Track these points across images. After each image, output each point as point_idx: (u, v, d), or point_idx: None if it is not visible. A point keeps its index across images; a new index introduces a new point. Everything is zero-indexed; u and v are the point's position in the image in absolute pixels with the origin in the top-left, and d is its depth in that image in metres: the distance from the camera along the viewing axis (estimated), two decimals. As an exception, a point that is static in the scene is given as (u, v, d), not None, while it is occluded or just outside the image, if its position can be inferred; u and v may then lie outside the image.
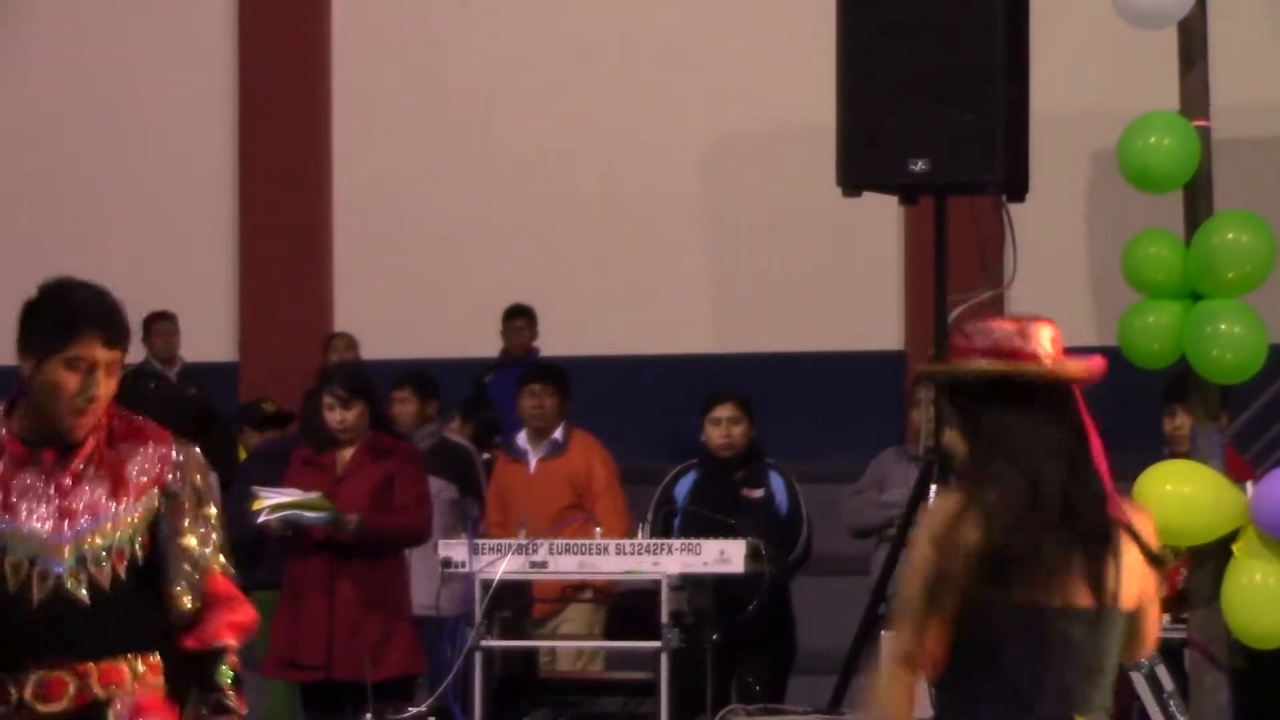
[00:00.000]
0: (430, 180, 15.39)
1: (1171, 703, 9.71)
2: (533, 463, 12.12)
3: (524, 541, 9.96)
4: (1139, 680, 9.66)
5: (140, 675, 5.73)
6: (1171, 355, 9.53)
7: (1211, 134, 9.46)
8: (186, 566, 5.72)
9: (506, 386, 13.51)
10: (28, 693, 5.66)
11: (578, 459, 12.15)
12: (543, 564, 9.91)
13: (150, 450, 5.79)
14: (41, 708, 5.66)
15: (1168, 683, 9.78)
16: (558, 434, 12.16)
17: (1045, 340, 5.57)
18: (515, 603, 10.53)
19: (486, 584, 9.77)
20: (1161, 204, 9.76)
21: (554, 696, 10.10)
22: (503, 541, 10.08)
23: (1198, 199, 9.53)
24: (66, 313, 5.70)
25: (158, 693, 5.84)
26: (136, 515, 5.64)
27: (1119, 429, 10.69)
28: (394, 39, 15.85)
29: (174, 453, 5.72)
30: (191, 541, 5.73)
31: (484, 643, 9.72)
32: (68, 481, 5.64)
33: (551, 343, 14.04)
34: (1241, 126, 10.00)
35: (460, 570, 9.92)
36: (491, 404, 13.84)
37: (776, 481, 11.52)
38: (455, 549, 10.02)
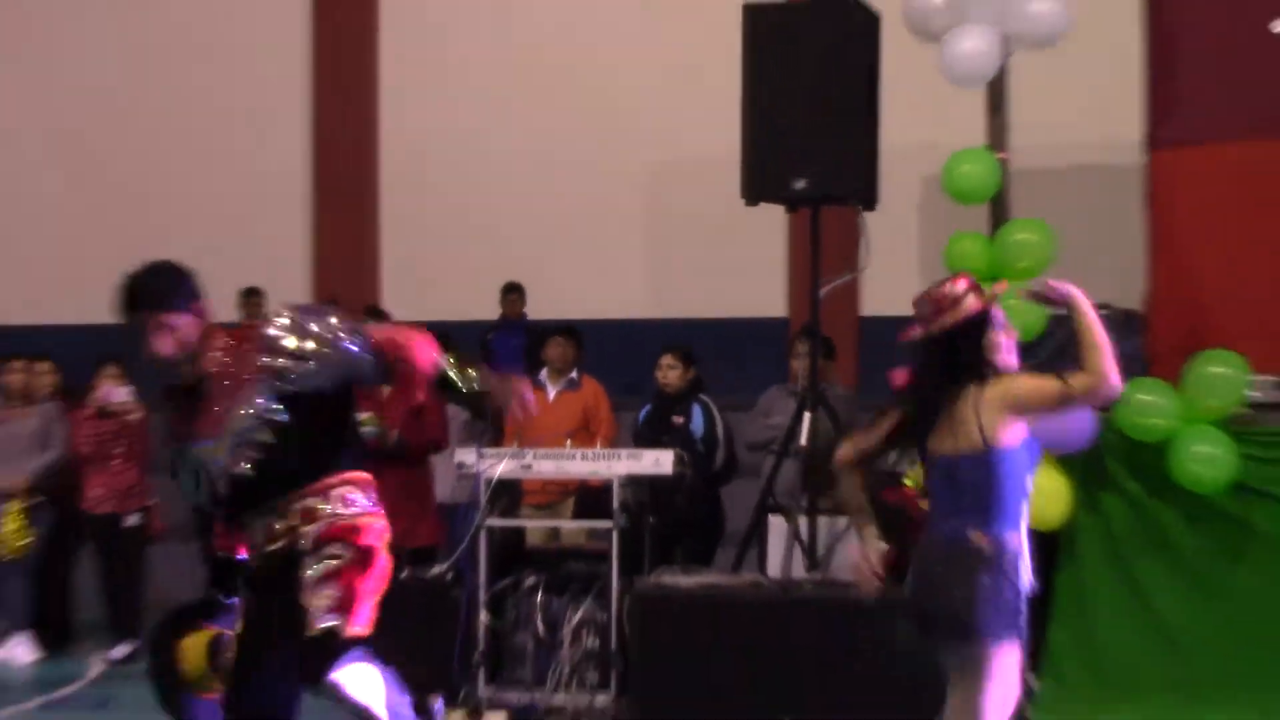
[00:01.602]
0: (452, 185, 15.33)
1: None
2: (552, 394, 11.98)
3: (517, 450, 10.00)
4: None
5: None
6: (980, 319, 9.69)
7: (1009, 164, 9.79)
8: None
9: (505, 342, 13.81)
10: None
11: (589, 395, 12.07)
12: (529, 466, 9.95)
13: None
14: None
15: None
16: (573, 375, 12.05)
17: (926, 310, 6.19)
18: (510, 494, 10.55)
19: (489, 480, 9.77)
20: (972, 213, 9.98)
21: (537, 563, 10.01)
22: (500, 450, 10.08)
23: (998, 210, 9.83)
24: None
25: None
26: None
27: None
28: (434, 73, 15.72)
29: None
30: None
31: (487, 523, 9.77)
32: None
33: (536, 310, 14.21)
34: (1032, 159, 10.16)
35: (471, 471, 9.87)
36: (492, 355, 13.68)
37: (696, 412, 11.50)
38: (467, 455, 9.97)
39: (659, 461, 9.76)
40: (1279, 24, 9.71)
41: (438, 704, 6.53)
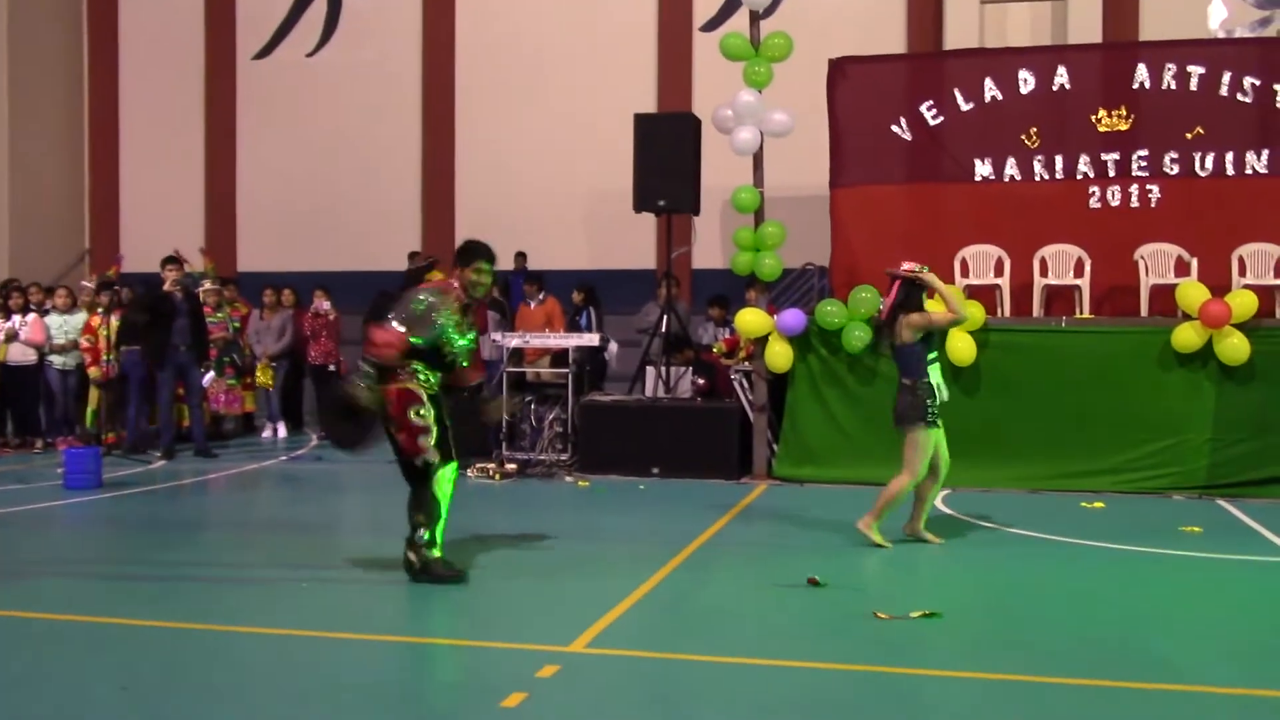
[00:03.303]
0: (494, 203, 14.31)
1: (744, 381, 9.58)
2: (533, 306, 11.51)
3: (521, 334, 9.95)
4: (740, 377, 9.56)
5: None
6: (749, 270, 9.42)
7: (764, 193, 9.40)
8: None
9: (516, 282, 13.05)
10: None
11: (551, 307, 11.54)
12: (526, 341, 9.86)
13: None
14: None
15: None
16: (541, 296, 11.62)
17: (905, 267, 6.33)
18: (517, 355, 10.37)
19: (507, 348, 9.74)
20: (746, 218, 9.68)
21: (532, 388, 9.95)
22: (512, 334, 9.95)
23: (758, 216, 9.46)
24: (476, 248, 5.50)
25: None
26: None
27: (736, 299, 10.78)
28: (486, 137, 14.50)
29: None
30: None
31: (506, 369, 9.73)
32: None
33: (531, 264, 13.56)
34: (774, 191, 9.72)
35: (499, 343, 9.82)
36: (508, 290, 13.06)
37: (587, 313, 11.33)
38: (497, 335, 9.93)
39: (589, 340, 9.85)
40: (895, 128, 9.67)
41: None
